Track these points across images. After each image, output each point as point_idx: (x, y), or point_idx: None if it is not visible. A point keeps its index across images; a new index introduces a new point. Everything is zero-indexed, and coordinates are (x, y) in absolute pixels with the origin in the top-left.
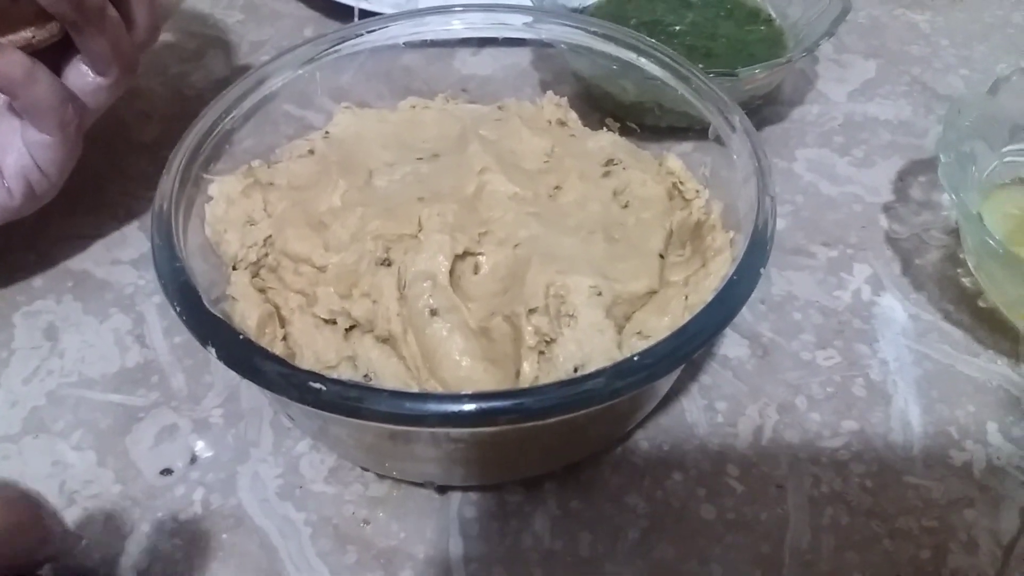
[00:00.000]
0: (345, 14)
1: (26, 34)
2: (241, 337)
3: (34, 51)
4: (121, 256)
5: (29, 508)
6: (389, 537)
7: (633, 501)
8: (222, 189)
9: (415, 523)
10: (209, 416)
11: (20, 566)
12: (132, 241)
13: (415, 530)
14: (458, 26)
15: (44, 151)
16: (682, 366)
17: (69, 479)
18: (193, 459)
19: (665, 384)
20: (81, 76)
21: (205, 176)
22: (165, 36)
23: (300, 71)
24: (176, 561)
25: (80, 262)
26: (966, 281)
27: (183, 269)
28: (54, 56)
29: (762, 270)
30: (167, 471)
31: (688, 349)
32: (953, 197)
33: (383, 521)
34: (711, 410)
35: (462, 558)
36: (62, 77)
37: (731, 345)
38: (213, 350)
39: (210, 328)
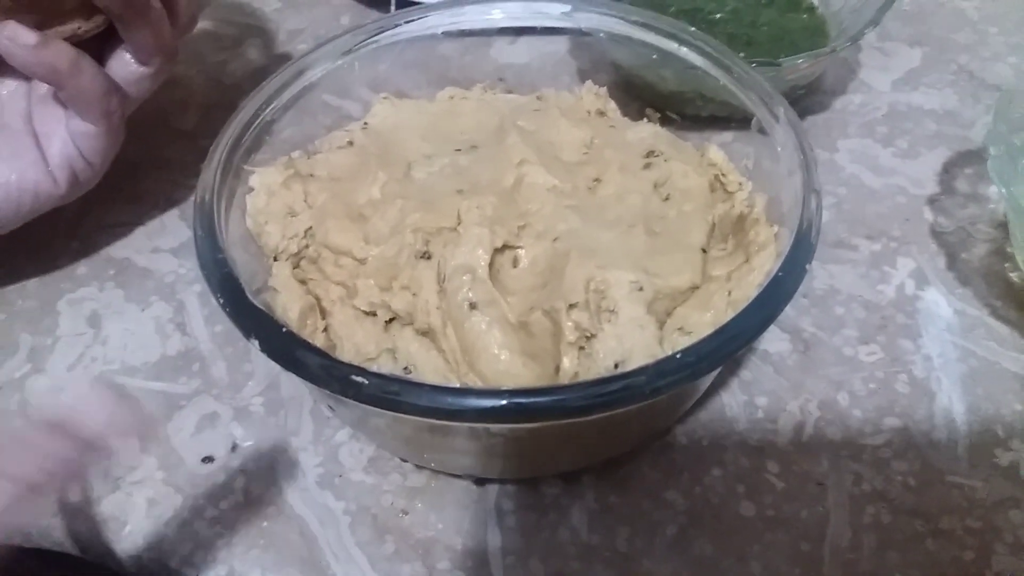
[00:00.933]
0: (381, 3)
1: (72, 26)
2: (284, 329)
3: (79, 42)
4: (162, 244)
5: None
6: (427, 528)
7: (671, 497)
8: (263, 180)
9: (453, 514)
10: (250, 404)
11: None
12: (172, 229)
13: (453, 521)
14: (496, 15)
15: (88, 140)
16: (723, 365)
17: (113, 465)
18: (234, 447)
19: (706, 380)
20: (125, 65)
21: (246, 167)
22: (203, 25)
23: (339, 61)
24: (217, 548)
25: (122, 250)
26: (1014, 276)
27: (225, 260)
28: (98, 46)
29: (808, 267)
30: (208, 459)
31: (731, 347)
32: (1003, 191)
33: (421, 512)
34: (751, 405)
35: (500, 550)
36: (105, 67)
37: (772, 340)
38: (256, 342)
39: (253, 320)
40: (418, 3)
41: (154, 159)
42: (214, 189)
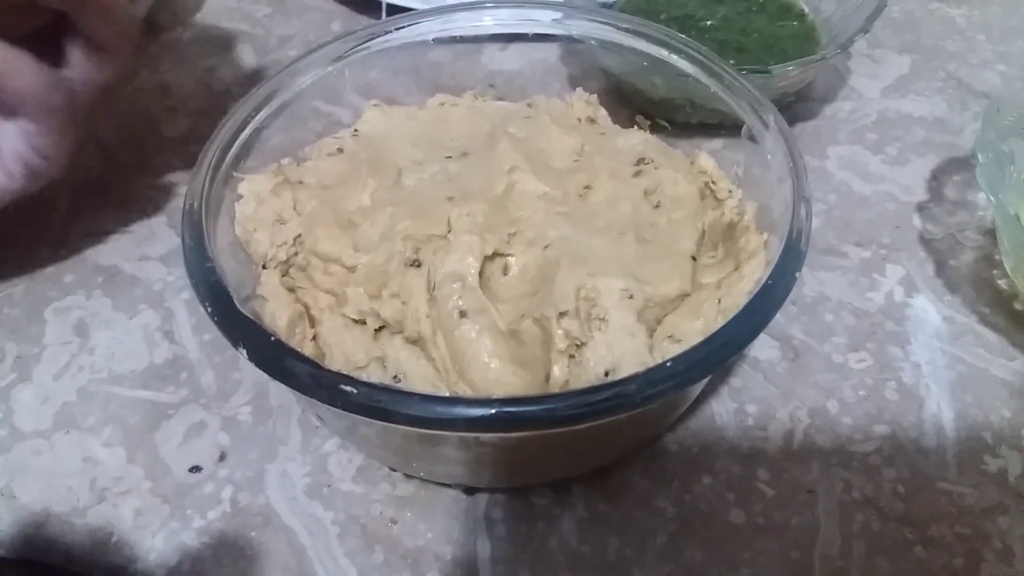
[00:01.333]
0: (372, 8)
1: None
2: (272, 339)
3: (28, 36)
4: (150, 252)
5: None
6: (416, 537)
7: (662, 505)
8: (252, 188)
9: (442, 524)
10: (237, 414)
11: None
12: (161, 237)
13: (442, 531)
14: (487, 22)
15: (35, 138)
16: (714, 373)
17: (100, 475)
18: (222, 456)
19: (696, 388)
20: (81, 57)
21: (235, 175)
22: (193, 31)
23: (330, 68)
24: (204, 559)
25: (109, 258)
26: (1002, 283)
27: (214, 269)
28: (54, 40)
29: (797, 275)
30: (196, 468)
31: (722, 355)
32: (991, 198)
33: (410, 521)
34: (741, 413)
35: (489, 559)
36: (64, 60)
37: (762, 347)
38: (244, 351)
39: (241, 329)
40: (409, 9)
41: (143, 166)
42: (203, 196)
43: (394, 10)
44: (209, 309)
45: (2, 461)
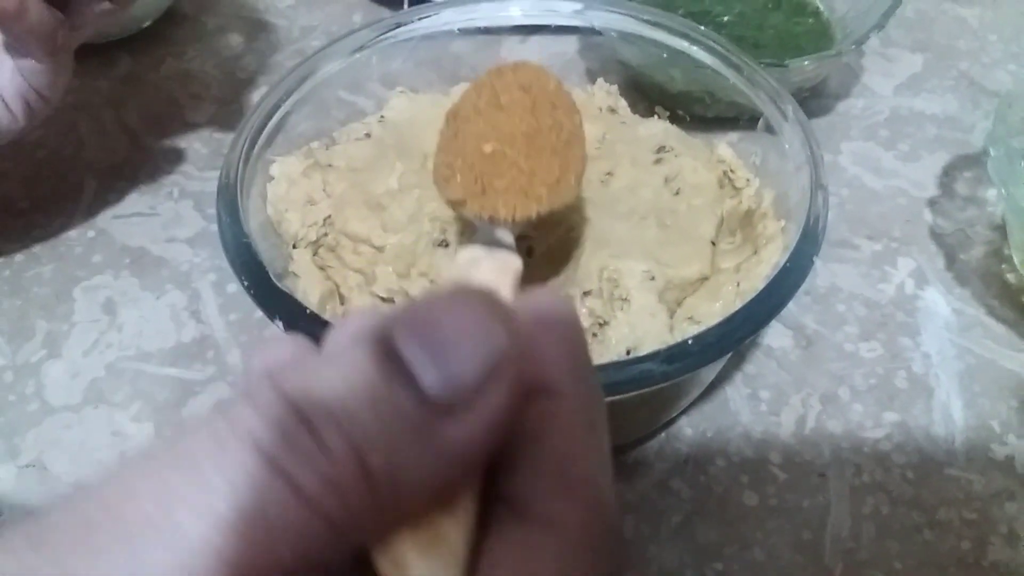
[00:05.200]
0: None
1: None
2: (308, 311)
3: None
4: (177, 234)
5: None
6: None
7: (677, 486)
8: (283, 170)
9: None
10: None
11: None
12: (187, 220)
13: None
14: (509, 12)
15: (37, 76)
16: (732, 352)
17: (128, 449)
18: None
19: (711, 371)
20: (85, 3)
21: (268, 157)
22: (217, 20)
23: (355, 56)
24: None
25: (137, 239)
26: (1011, 277)
27: (250, 245)
28: None
29: (815, 259)
30: None
31: (740, 335)
32: (1003, 191)
33: None
34: (755, 399)
35: None
36: (66, 4)
37: (775, 335)
38: (280, 323)
39: (278, 302)
40: (430, 1)
41: (169, 151)
42: (238, 177)
43: (416, 2)
44: (246, 283)
45: (34, 434)
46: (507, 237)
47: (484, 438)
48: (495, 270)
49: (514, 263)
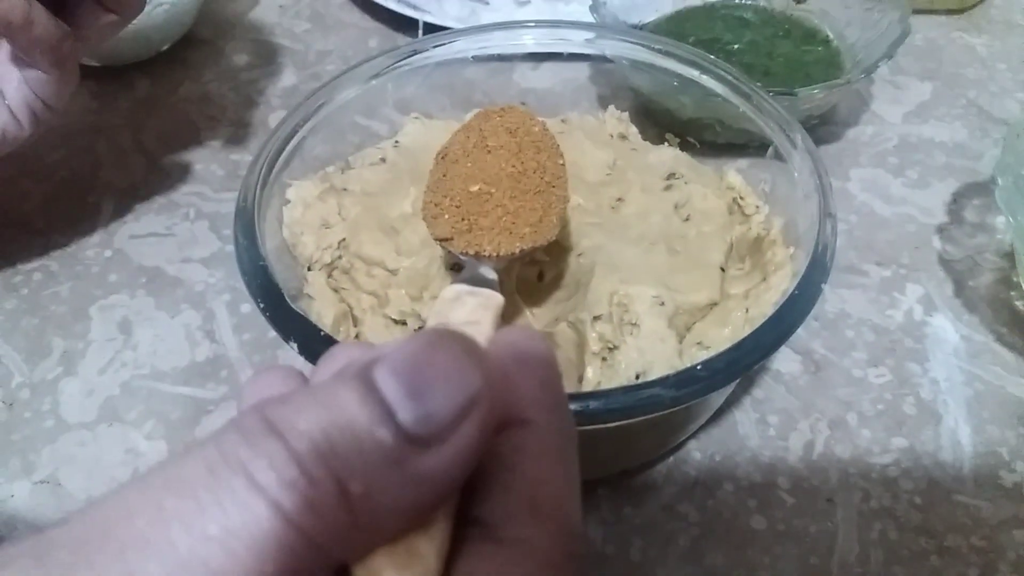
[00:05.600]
0: (408, 26)
1: None
2: (322, 333)
3: None
4: (192, 255)
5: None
6: None
7: (685, 509)
8: (299, 193)
9: None
10: None
11: None
12: (202, 241)
13: None
14: (522, 40)
15: (42, 85)
16: (741, 377)
17: (142, 466)
18: None
19: (720, 396)
20: (93, 13)
21: (284, 181)
22: (234, 45)
23: (371, 82)
24: None
25: (153, 259)
26: (1019, 304)
27: (266, 268)
28: None
29: (823, 286)
30: None
31: (749, 360)
32: (1011, 220)
33: None
34: (763, 423)
35: None
36: (74, 12)
37: (784, 360)
38: (295, 345)
39: (293, 324)
40: (445, 28)
41: (185, 172)
42: (255, 200)
43: (430, 28)
44: (261, 305)
45: (49, 451)
46: (491, 273)
47: (456, 469)
48: (478, 307)
49: (495, 300)
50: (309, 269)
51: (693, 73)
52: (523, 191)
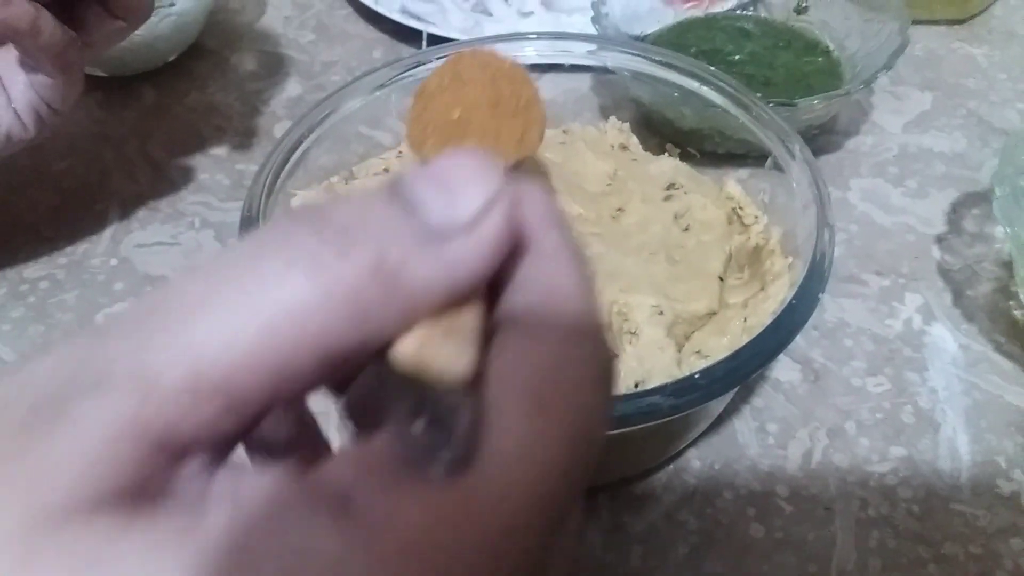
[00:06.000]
0: (412, 37)
1: None
2: None
3: None
4: (197, 263)
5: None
6: None
7: (684, 517)
8: (304, 203)
9: None
10: None
11: None
12: (208, 249)
13: None
14: (525, 52)
15: (48, 90)
16: (739, 385)
17: None
18: None
19: (719, 405)
20: (100, 20)
21: (289, 190)
22: (240, 55)
23: (377, 93)
24: None
25: (158, 268)
26: (1018, 314)
27: None
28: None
29: (821, 296)
30: None
31: (748, 369)
32: (1008, 230)
33: None
34: (762, 432)
35: None
36: (80, 18)
37: (783, 369)
38: None
39: None
40: (449, 40)
41: (191, 182)
42: (260, 207)
43: (434, 40)
44: None
45: None
46: None
47: (484, 256)
48: None
49: None
50: None
51: (693, 85)
52: (501, 114)
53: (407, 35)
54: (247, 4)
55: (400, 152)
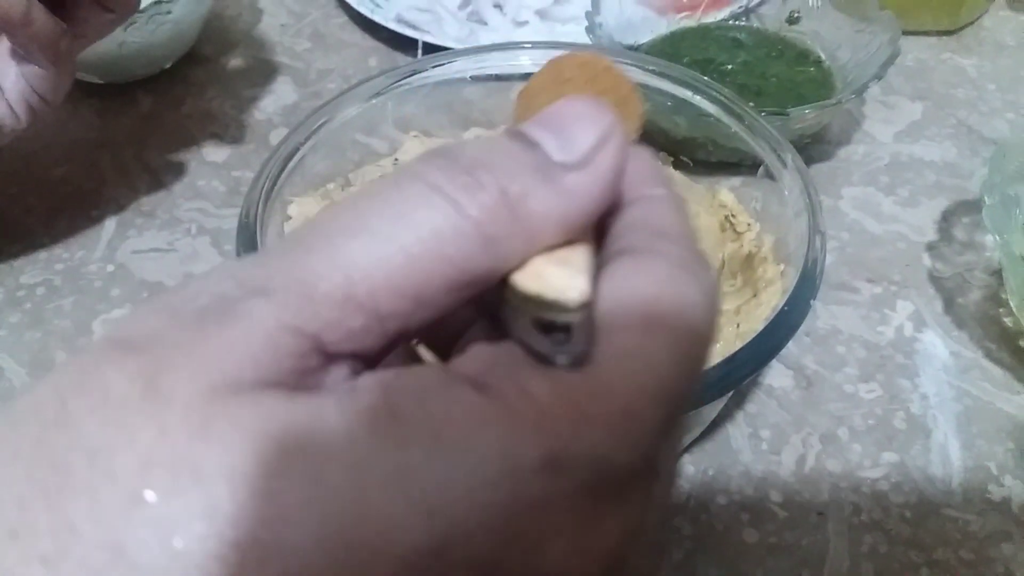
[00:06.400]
0: (407, 46)
1: None
2: None
3: None
4: (194, 269)
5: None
6: None
7: (678, 522)
8: (300, 209)
9: None
10: None
11: None
12: (204, 256)
13: None
14: (520, 60)
15: (39, 80)
16: (733, 391)
17: None
18: None
19: (712, 410)
20: (92, 11)
21: (286, 197)
22: (236, 62)
23: (373, 101)
24: None
25: (155, 274)
26: (1007, 321)
27: None
28: None
29: (812, 302)
30: None
31: (740, 374)
32: (997, 238)
33: None
34: (756, 438)
35: None
36: (70, 10)
37: (776, 376)
38: None
39: None
40: (444, 48)
41: (188, 189)
42: (257, 213)
43: (430, 48)
44: None
45: None
46: None
47: (599, 190)
48: None
49: None
50: None
51: (687, 94)
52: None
53: (403, 43)
54: (243, 11)
55: (396, 159)
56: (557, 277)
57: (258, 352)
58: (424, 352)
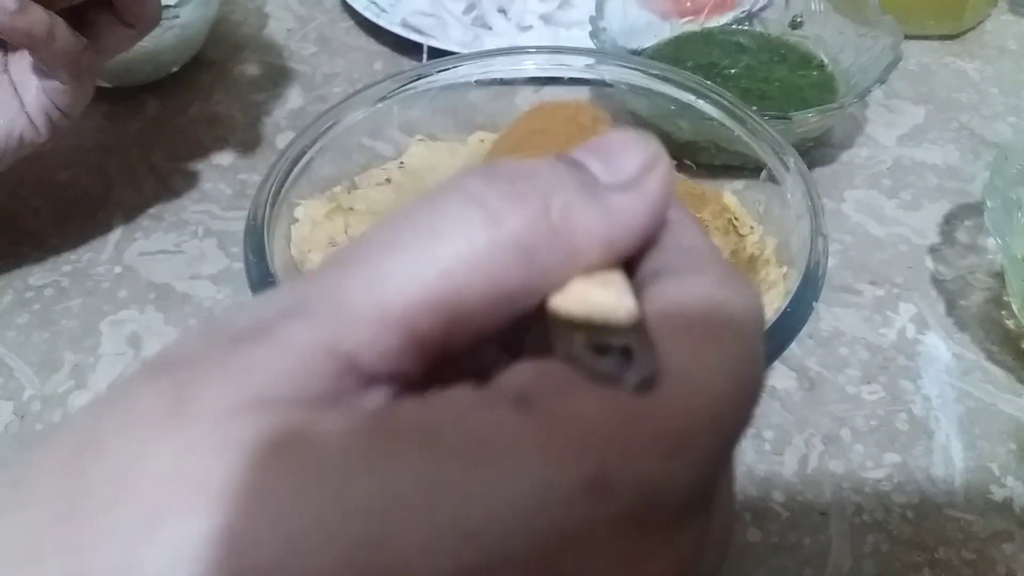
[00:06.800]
0: (413, 50)
1: None
2: None
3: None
4: (201, 271)
5: None
6: None
7: None
8: (307, 212)
9: None
10: None
11: None
12: (211, 258)
13: None
14: (524, 66)
15: (60, 95)
16: None
17: None
18: None
19: None
20: (112, 27)
21: (292, 200)
22: (242, 66)
23: (379, 105)
24: None
25: (162, 276)
26: (1010, 323)
27: (275, 284)
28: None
29: (814, 304)
30: None
31: None
32: (999, 241)
33: None
34: (759, 438)
35: None
36: (92, 24)
37: (779, 377)
38: None
39: None
40: (449, 53)
41: (195, 192)
42: (264, 216)
43: (435, 53)
44: None
45: None
46: None
47: (644, 214)
48: None
49: None
50: None
51: (690, 98)
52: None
53: (408, 48)
54: (249, 16)
55: (401, 163)
56: (603, 296)
57: (289, 371)
58: None
